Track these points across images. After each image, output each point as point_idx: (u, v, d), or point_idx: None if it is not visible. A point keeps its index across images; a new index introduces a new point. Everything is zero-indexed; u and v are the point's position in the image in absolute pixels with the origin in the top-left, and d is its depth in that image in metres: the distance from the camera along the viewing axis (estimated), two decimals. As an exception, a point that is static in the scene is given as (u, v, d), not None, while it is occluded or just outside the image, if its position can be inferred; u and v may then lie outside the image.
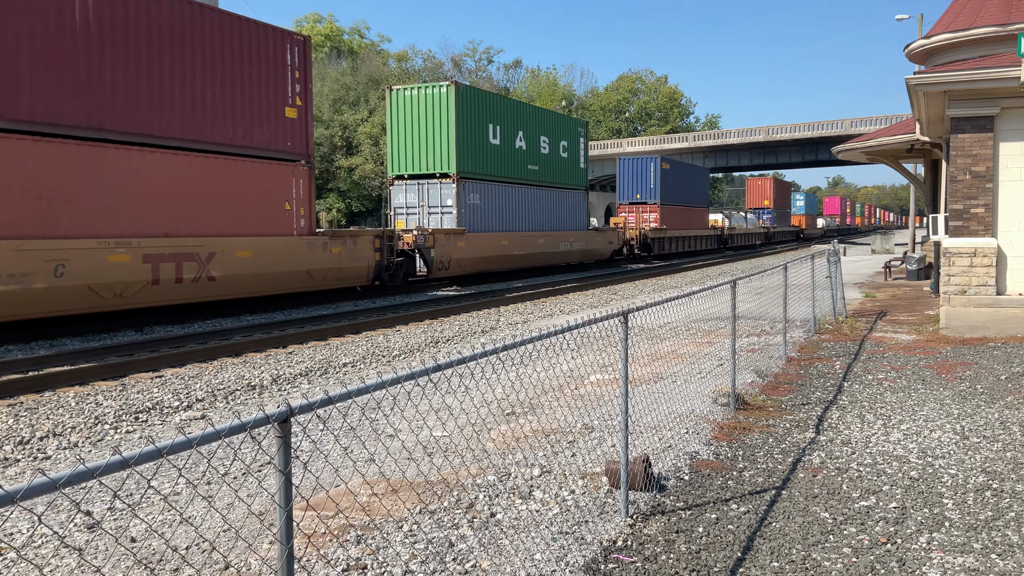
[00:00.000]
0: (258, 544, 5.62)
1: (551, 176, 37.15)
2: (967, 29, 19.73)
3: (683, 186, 56.54)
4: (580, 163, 40.22)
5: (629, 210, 52.00)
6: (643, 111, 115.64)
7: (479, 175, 31.41)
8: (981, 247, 14.94)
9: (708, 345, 14.61)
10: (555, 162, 37.56)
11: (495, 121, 32.48)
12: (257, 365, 13.57)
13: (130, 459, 2.22)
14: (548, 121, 37.55)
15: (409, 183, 31.03)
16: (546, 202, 36.63)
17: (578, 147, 40.10)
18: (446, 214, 30.26)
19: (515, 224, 34.01)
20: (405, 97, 31.00)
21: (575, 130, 40.09)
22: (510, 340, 4.55)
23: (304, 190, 21.38)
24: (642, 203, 51.92)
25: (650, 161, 52.28)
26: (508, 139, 33.38)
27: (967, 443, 8.05)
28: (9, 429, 9.29)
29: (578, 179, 40.16)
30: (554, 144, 37.44)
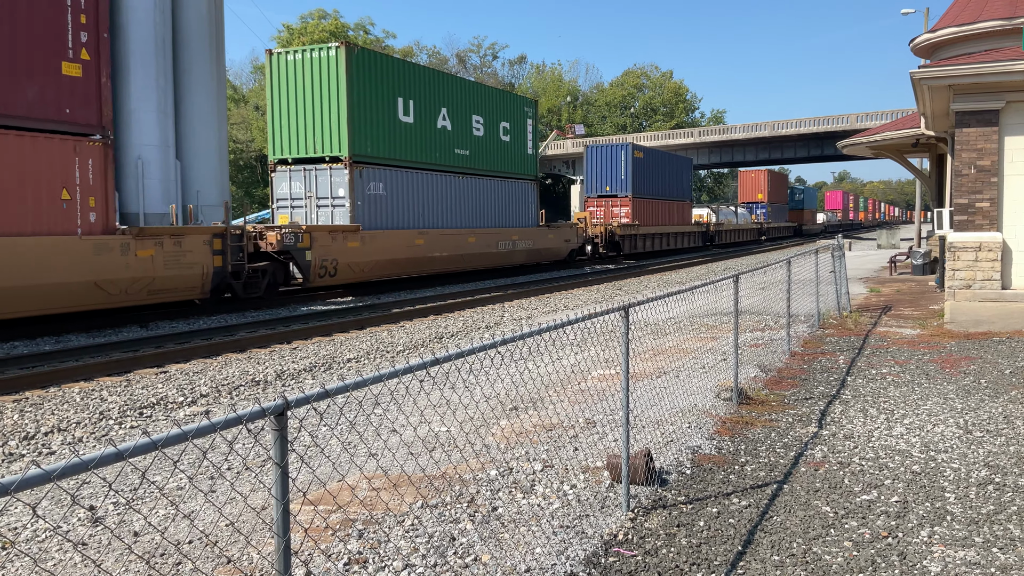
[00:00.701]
0: (260, 538, 5.64)
1: (487, 163, 31.69)
2: (972, 23, 19.64)
3: (661, 178, 51.39)
4: (527, 148, 34.54)
5: (598, 204, 46.83)
6: (648, 106, 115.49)
7: (383, 160, 26.12)
8: (986, 241, 14.90)
9: (712, 340, 14.60)
10: (493, 147, 31.98)
11: (407, 95, 27.15)
12: (261, 361, 13.60)
13: (125, 451, 2.23)
14: (483, 98, 31.89)
15: (294, 169, 25.64)
16: (480, 194, 31.18)
17: (524, 130, 34.42)
18: (338, 207, 24.93)
19: (436, 219, 28.61)
20: (288, 63, 25.38)
21: (520, 110, 34.41)
22: (510, 335, 4.56)
23: (96, 173, 16.24)
24: (612, 196, 46.67)
25: (620, 149, 46.73)
26: (426, 117, 28.04)
27: (970, 437, 8.04)
28: (14, 424, 9.33)
29: (525, 167, 34.62)
30: (491, 125, 31.88)
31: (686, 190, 57.72)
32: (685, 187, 57.36)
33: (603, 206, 46.54)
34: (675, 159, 56.06)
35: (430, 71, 29.70)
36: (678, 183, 55.31)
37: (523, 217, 34.42)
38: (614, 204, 46.34)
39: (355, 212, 24.78)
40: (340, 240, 23.81)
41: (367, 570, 5.12)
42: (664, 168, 52.24)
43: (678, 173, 55.54)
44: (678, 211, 55.07)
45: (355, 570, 5.12)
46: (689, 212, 58.04)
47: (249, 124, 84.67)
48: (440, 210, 28.91)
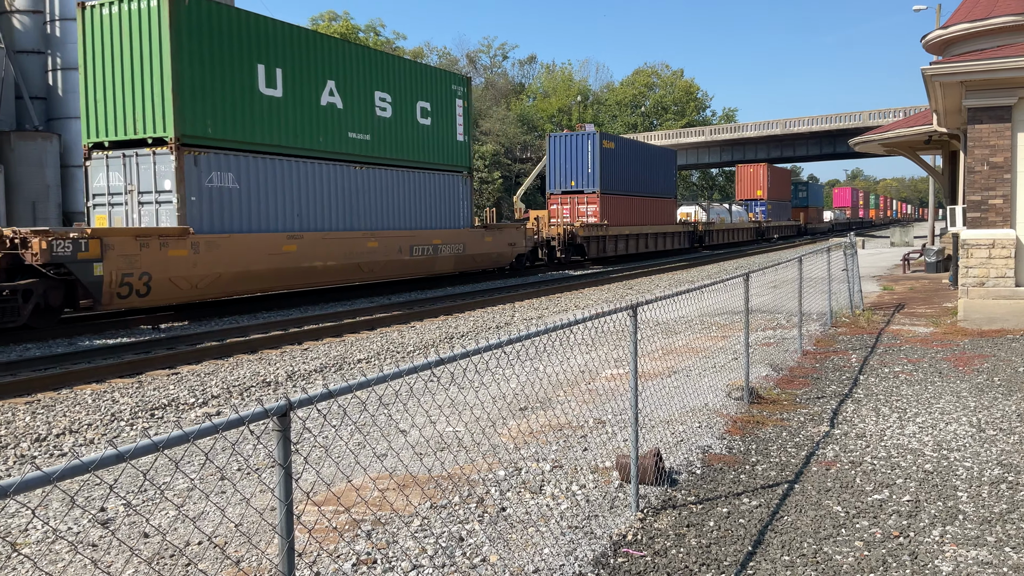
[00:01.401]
0: (267, 539, 5.64)
1: (397, 150, 25.77)
2: (985, 19, 19.52)
3: (637, 171, 45.57)
4: (456, 135, 28.57)
5: (562, 201, 41.50)
6: (659, 105, 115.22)
7: (234, 143, 20.07)
8: (1000, 238, 14.79)
9: (723, 339, 14.54)
10: (406, 131, 26.14)
11: (273, 61, 21.01)
12: (272, 362, 13.63)
13: (125, 453, 2.22)
14: (392, 71, 25.67)
15: (112, 155, 19.59)
16: (386, 188, 25.26)
17: (452, 112, 28.40)
18: (164, 204, 19.04)
19: (320, 220, 22.58)
20: (103, 19, 19.32)
21: (446, 88, 28.30)
22: (515, 335, 4.54)
23: None
24: (577, 192, 41.28)
25: (587, 139, 41.18)
26: (303, 91, 21.90)
27: (983, 436, 7.98)
28: (26, 426, 9.38)
29: (453, 157, 28.58)
30: (403, 105, 26.00)
31: (669, 185, 51.72)
32: (668, 182, 51.53)
33: (568, 203, 41.45)
34: (655, 151, 50.20)
35: (310, 33, 22.93)
36: (659, 178, 49.65)
37: (450, 216, 28.37)
38: (580, 201, 41.10)
39: (186, 211, 18.85)
40: (155, 248, 17.62)
41: (375, 571, 5.12)
42: (641, 161, 46.64)
43: (659, 167, 49.77)
44: (659, 209, 49.28)
45: (363, 571, 5.11)
46: (673, 210, 52.41)
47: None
48: (326, 208, 22.77)
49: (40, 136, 35.94)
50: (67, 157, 37.00)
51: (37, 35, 38.07)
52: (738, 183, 75.34)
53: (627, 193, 44.07)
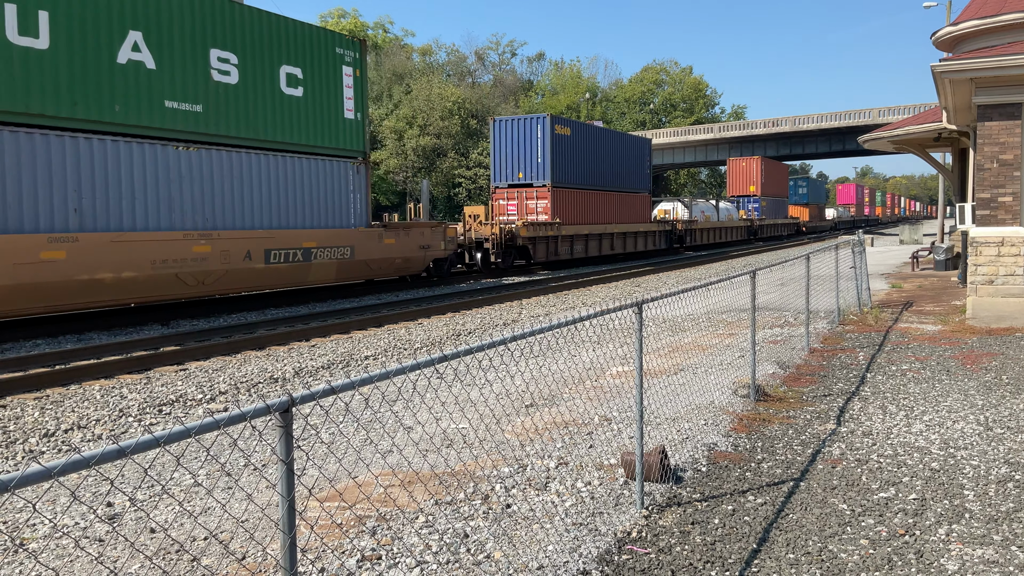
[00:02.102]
0: (273, 535, 5.66)
1: (250, 127, 19.67)
2: (995, 15, 19.41)
3: (600, 162, 39.99)
4: (344, 111, 22.67)
5: (508, 196, 35.93)
6: (668, 102, 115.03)
7: None
8: (1009, 236, 14.72)
9: (729, 336, 14.52)
10: (263, 103, 20.04)
11: None
12: (280, 358, 13.66)
13: (126, 448, 2.23)
14: (241, 25, 19.70)
15: None
16: (231, 175, 19.37)
17: (337, 83, 22.40)
18: None
19: (113, 216, 16.89)
20: None
21: (327, 51, 22.08)
22: (520, 332, 4.54)
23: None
24: (526, 185, 35.65)
25: (536, 123, 35.16)
26: (87, 41, 16.37)
27: (990, 434, 7.95)
28: (35, 422, 9.42)
29: (338, 138, 22.45)
30: (259, 69, 19.88)
31: (643, 178, 45.51)
32: (640, 175, 45.13)
33: (515, 199, 35.80)
34: (623, 139, 43.76)
35: None
36: (628, 170, 43.62)
37: (332, 213, 22.30)
38: (529, 196, 35.49)
39: None
40: None
41: (379, 567, 5.13)
42: (606, 150, 40.83)
43: (629, 157, 43.66)
44: (629, 205, 43.31)
45: (368, 567, 5.13)
46: (647, 207, 46.05)
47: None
48: (125, 200, 17.08)
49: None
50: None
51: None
52: (729, 177, 69.68)
53: (587, 187, 38.60)
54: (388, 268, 24.94)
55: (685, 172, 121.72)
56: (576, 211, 37.42)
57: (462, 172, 77.44)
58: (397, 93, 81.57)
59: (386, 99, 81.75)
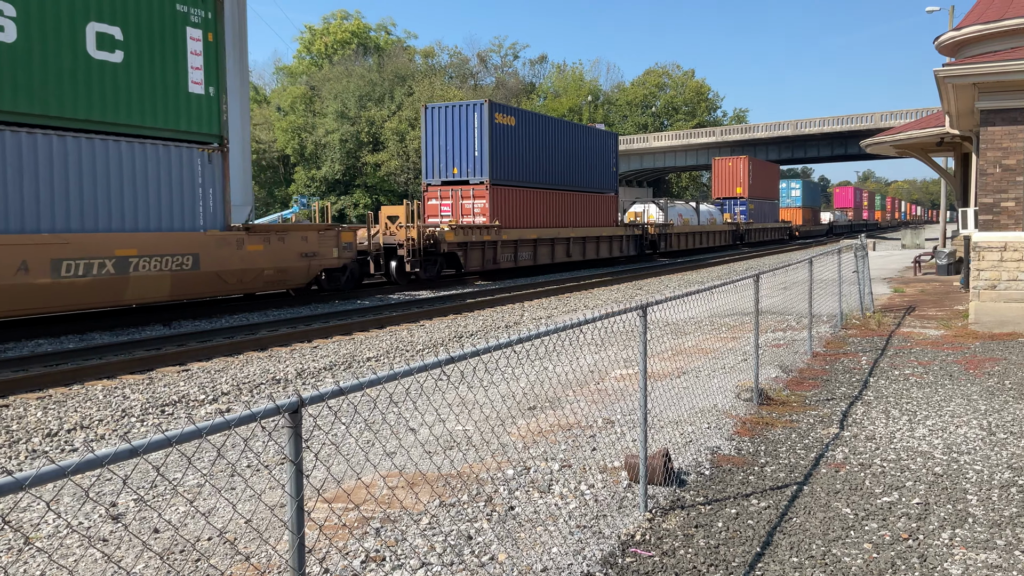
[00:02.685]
0: (277, 535, 5.67)
1: (33, 100, 15.15)
2: (998, 20, 19.43)
3: (553, 157, 35.23)
4: (188, 84, 17.97)
5: (442, 195, 31.34)
6: (670, 105, 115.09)
7: None
8: (1012, 241, 14.73)
9: (732, 340, 14.52)
10: (61, 68, 15.59)
11: None
12: (282, 359, 13.67)
13: (139, 448, 2.24)
14: None
15: None
16: None
17: (179, 48, 17.80)
18: None
19: None
20: None
21: (165, 8, 17.50)
22: (525, 334, 4.55)
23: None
24: (461, 183, 31.03)
25: (472, 110, 30.56)
26: None
27: (993, 439, 7.95)
28: (38, 422, 9.43)
29: (180, 118, 17.81)
30: (55, 25, 15.46)
31: (606, 177, 40.43)
32: (604, 173, 40.19)
33: (449, 198, 31.18)
34: (583, 132, 38.67)
35: None
36: (590, 167, 38.74)
37: (170, 212, 17.61)
38: (465, 195, 30.85)
39: None
40: None
41: (384, 568, 5.14)
42: (560, 144, 35.95)
43: (590, 152, 38.74)
44: (590, 207, 38.69)
45: (372, 568, 5.13)
46: (613, 209, 41.13)
47: (271, 124, 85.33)
48: None
49: (52, 133, 36.06)
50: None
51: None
52: (714, 179, 64.71)
53: (536, 185, 33.95)
54: (254, 281, 19.87)
55: (687, 175, 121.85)
56: (522, 213, 32.71)
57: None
58: (399, 95, 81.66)
59: (388, 101, 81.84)
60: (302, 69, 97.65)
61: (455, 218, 30.83)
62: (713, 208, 57.75)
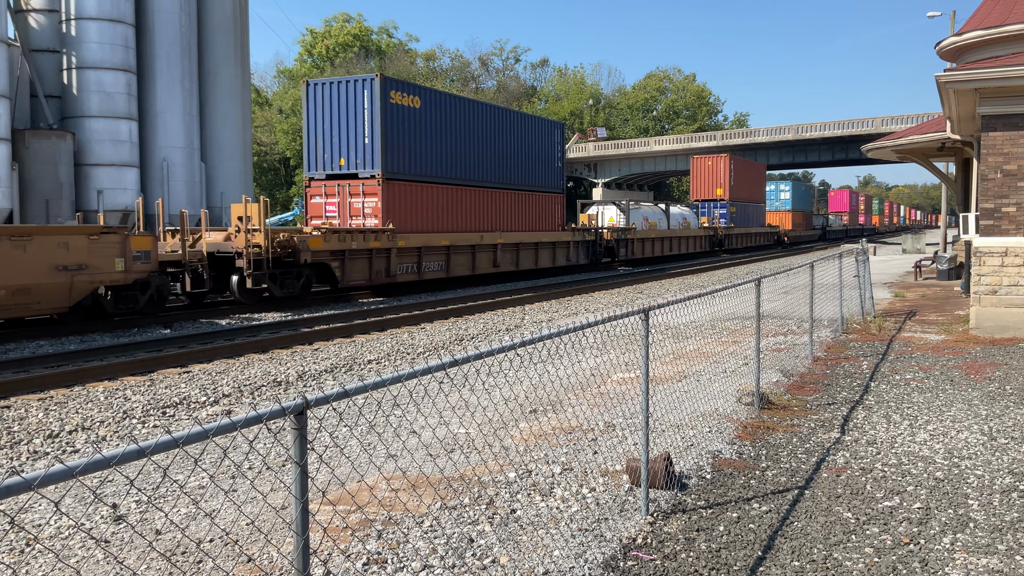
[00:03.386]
0: (279, 537, 5.67)
1: None
2: (999, 26, 19.45)
3: (474, 148, 29.44)
4: None
5: (328, 191, 26.08)
6: (671, 109, 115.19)
7: None
8: (1012, 246, 14.74)
9: (734, 344, 14.53)
10: None
11: None
12: (283, 361, 13.68)
13: (146, 448, 2.25)
14: None
15: None
16: None
17: None
18: None
19: None
20: None
21: None
22: (528, 337, 4.56)
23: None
24: (350, 176, 25.67)
25: (361, 87, 25.31)
26: None
27: (994, 444, 7.96)
28: (39, 423, 9.44)
29: None
30: None
31: (550, 174, 34.84)
32: (547, 168, 34.58)
33: (336, 195, 25.99)
34: (519, 120, 32.83)
35: None
36: (528, 161, 32.96)
37: None
38: (353, 191, 25.53)
39: None
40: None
41: (386, 570, 5.14)
42: (486, 132, 30.24)
43: (528, 144, 33.00)
44: (528, 208, 32.96)
45: (374, 570, 5.14)
46: (558, 210, 35.60)
47: (273, 127, 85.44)
48: None
49: (55, 134, 36.10)
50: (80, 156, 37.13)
51: (53, 34, 38.25)
52: (692, 180, 59.12)
53: (450, 181, 28.25)
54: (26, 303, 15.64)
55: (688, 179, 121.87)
56: (429, 214, 27.17)
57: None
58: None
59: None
60: (303, 72, 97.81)
61: (343, 220, 25.77)
62: (686, 211, 52.71)
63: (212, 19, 41.70)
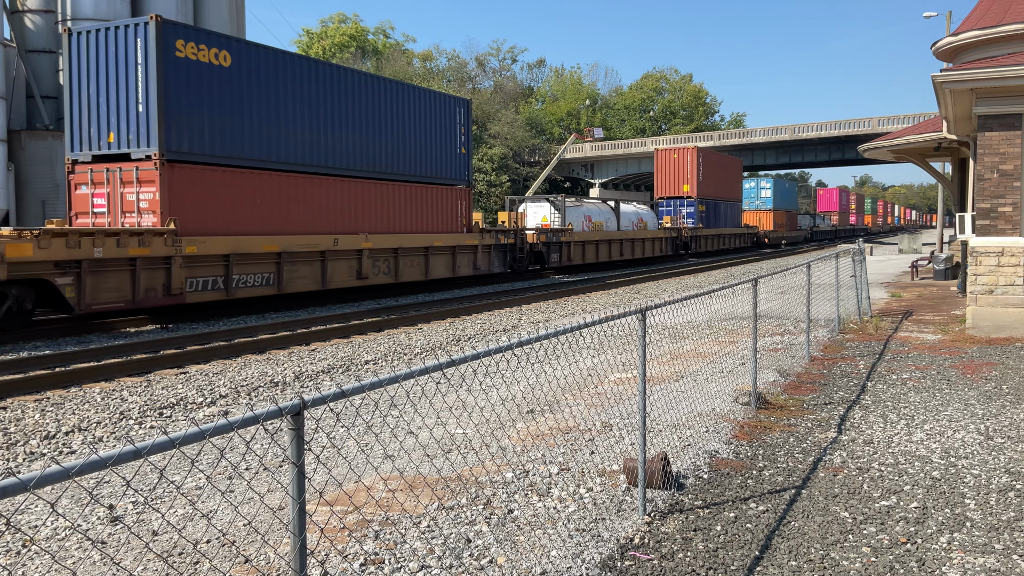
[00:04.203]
0: (277, 538, 5.67)
1: None
2: (995, 26, 19.48)
3: (327, 121, 22.93)
4: None
5: (96, 179, 19.10)
6: (668, 110, 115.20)
7: None
8: (1009, 246, 14.76)
9: (730, 344, 14.54)
10: None
11: None
12: (280, 362, 13.67)
13: (143, 449, 2.25)
14: None
15: None
16: None
17: None
18: None
19: None
20: None
21: None
22: (525, 338, 4.56)
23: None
24: (121, 158, 19.00)
25: (134, 34, 18.51)
26: None
27: (991, 443, 7.97)
28: (36, 424, 9.42)
29: None
30: None
31: (448, 162, 27.94)
32: (444, 154, 27.73)
33: (106, 184, 18.99)
34: (391, 89, 25.59)
35: None
36: (413, 143, 26.14)
37: None
38: (127, 179, 18.78)
39: None
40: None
41: (383, 571, 5.14)
42: (344, 103, 23.56)
43: (412, 122, 26.11)
44: (415, 204, 26.11)
45: (371, 571, 5.14)
46: (460, 208, 28.35)
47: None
48: None
49: (51, 135, 36.03)
50: (77, 156, 36.90)
51: (49, 35, 38.19)
52: (656, 175, 52.61)
53: (288, 167, 21.61)
54: None
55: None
56: (245, 210, 20.31)
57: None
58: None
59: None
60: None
61: (113, 218, 18.91)
62: (643, 210, 46.26)
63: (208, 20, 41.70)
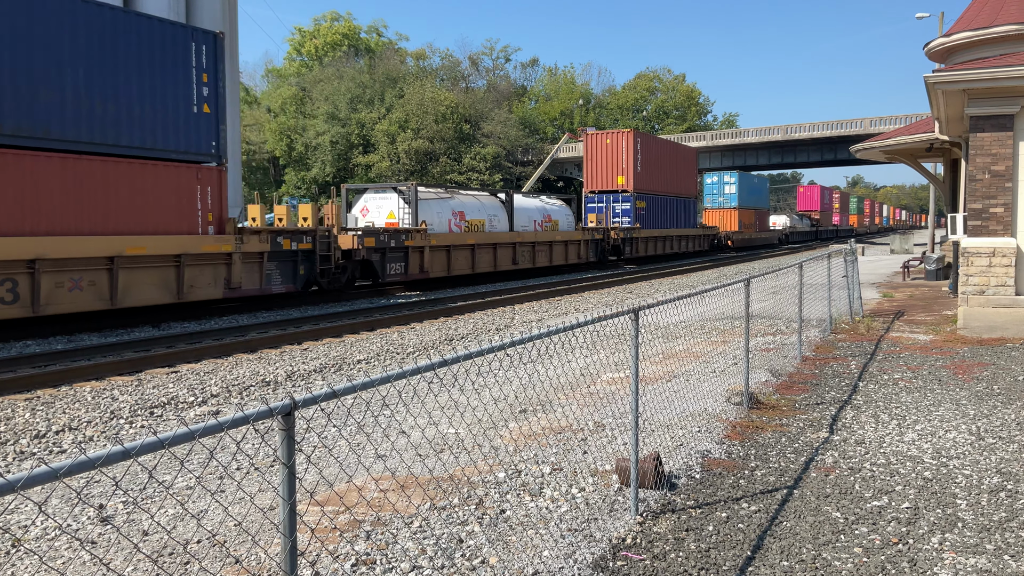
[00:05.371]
0: (267, 538, 5.64)
1: None
2: (987, 27, 19.54)
3: None
4: None
5: None
6: (660, 110, 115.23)
7: None
8: (1000, 247, 14.80)
9: (723, 344, 14.55)
10: None
11: None
12: (272, 361, 13.63)
13: (132, 450, 2.23)
14: None
15: None
16: None
17: None
18: None
19: None
20: None
21: None
22: (519, 337, 4.55)
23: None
24: None
25: None
26: None
27: (982, 444, 7.98)
28: (26, 423, 9.37)
29: None
30: None
31: (175, 125, 17.83)
32: (162, 112, 17.52)
33: None
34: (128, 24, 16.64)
35: None
36: (90, 91, 16.04)
37: None
38: None
39: None
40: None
41: (374, 571, 5.12)
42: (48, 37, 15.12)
43: (92, 55, 16.00)
44: (98, 189, 16.21)
45: (362, 571, 5.12)
46: (198, 194, 18.33)
47: (262, 126, 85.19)
48: None
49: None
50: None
51: None
52: (586, 164, 44.17)
53: None
54: None
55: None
56: None
57: (454, 176, 77.59)
58: (390, 97, 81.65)
59: (378, 102, 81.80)
60: (292, 71, 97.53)
61: None
62: (553, 205, 37.10)
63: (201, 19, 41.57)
